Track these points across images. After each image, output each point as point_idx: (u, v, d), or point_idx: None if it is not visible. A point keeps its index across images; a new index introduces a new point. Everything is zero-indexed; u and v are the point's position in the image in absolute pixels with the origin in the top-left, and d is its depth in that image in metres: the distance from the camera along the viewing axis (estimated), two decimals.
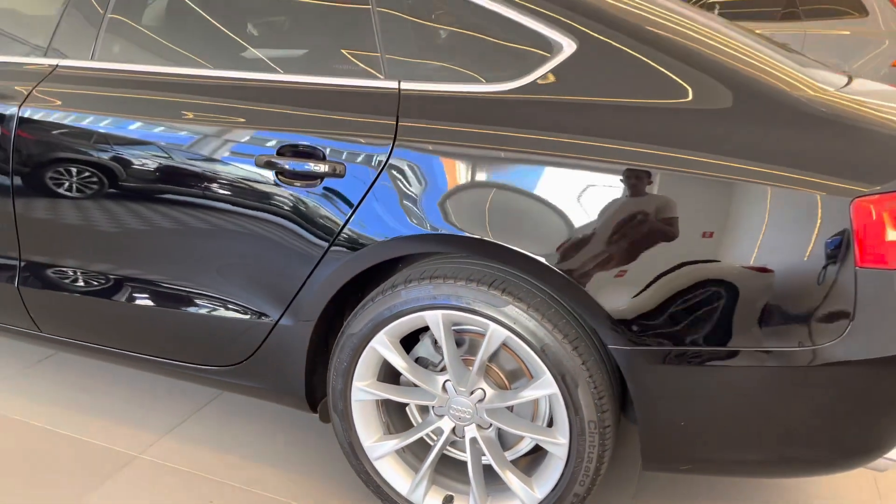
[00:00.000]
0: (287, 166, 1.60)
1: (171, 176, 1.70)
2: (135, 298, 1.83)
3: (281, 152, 1.61)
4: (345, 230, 1.58)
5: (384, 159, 1.54)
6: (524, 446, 1.69)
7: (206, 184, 1.67)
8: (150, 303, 1.82)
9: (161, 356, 1.88)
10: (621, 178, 1.40)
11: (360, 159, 1.56)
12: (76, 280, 1.89)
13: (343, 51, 1.67)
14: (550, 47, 1.54)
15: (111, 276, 1.85)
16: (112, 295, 1.85)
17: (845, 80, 1.84)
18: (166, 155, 1.71)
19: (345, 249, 1.58)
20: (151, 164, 1.72)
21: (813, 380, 1.40)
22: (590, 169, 1.42)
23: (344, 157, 1.57)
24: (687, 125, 1.44)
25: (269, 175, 1.62)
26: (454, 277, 1.53)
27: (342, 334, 1.66)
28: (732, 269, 1.38)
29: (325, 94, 1.63)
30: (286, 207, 1.62)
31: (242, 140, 1.64)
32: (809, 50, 5.13)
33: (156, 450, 1.97)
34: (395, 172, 1.53)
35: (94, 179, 1.78)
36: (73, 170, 1.79)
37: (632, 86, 1.49)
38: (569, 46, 1.53)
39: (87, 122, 1.78)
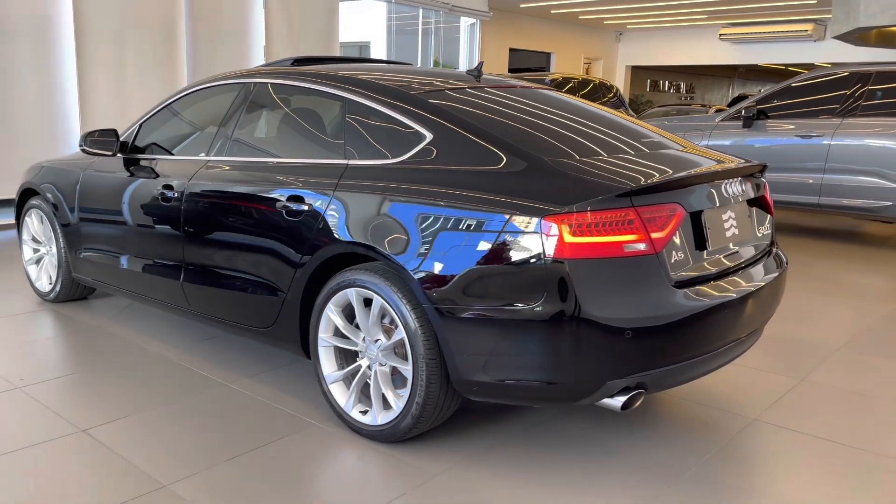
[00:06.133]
0: (292, 207, 2.89)
1: (244, 212, 3.09)
2: (223, 284, 3.22)
3: (289, 199, 2.91)
4: (312, 238, 2.81)
5: (329, 200, 2.76)
6: (400, 392, 2.68)
7: (259, 216, 3.03)
8: (231, 287, 3.19)
9: (240, 322, 3.22)
10: (444, 211, 2.46)
11: (320, 201, 2.80)
12: (200, 273, 3.34)
13: (330, 143, 2.97)
14: (418, 136, 2.68)
15: (214, 272, 3.26)
16: (212, 283, 3.26)
17: (676, 146, 2.87)
18: (241, 202, 3.11)
19: (312, 249, 2.81)
20: (237, 208, 3.13)
21: (527, 328, 2.29)
22: (429, 205, 2.49)
23: (314, 200, 2.82)
24: (491, 179, 2.46)
25: (284, 212, 2.92)
26: (360, 268, 2.67)
27: (315, 305, 2.85)
28: (484, 259, 2.35)
29: (315, 167, 2.93)
30: (290, 228, 2.90)
31: (273, 194, 2.98)
32: None
33: (235, 384, 3.28)
34: (333, 206, 2.75)
35: (213, 217, 3.23)
36: (205, 211, 3.27)
37: (465, 157, 2.56)
38: (428, 135, 2.66)
39: (214, 188, 3.26)
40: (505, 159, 2.50)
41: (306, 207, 2.85)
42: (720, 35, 17.26)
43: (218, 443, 2.74)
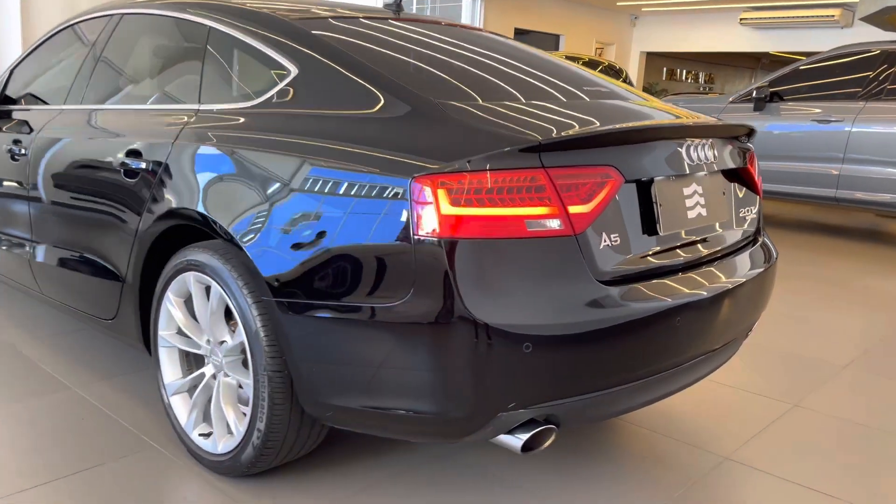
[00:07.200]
0: (130, 164, 2.24)
1: (85, 174, 2.45)
2: (67, 264, 2.57)
3: (127, 155, 2.26)
4: (147, 205, 2.15)
5: (168, 155, 2.11)
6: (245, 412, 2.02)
7: (100, 178, 2.38)
8: (74, 268, 2.54)
9: (85, 311, 2.58)
10: (291, 170, 1.79)
11: (158, 157, 2.14)
12: (46, 250, 2.70)
13: (187, 84, 2.31)
14: (284, 73, 2.01)
15: (59, 249, 2.62)
16: (57, 262, 2.62)
17: (632, 97, 2.24)
18: (83, 160, 2.46)
19: (148, 220, 2.15)
20: (79, 168, 2.49)
21: (388, 335, 1.62)
22: (273, 162, 1.83)
23: (151, 156, 2.17)
24: (361, 126, 1.79)
25: (122, 171, 2.27)
26: (197, 247, 2.01)
27: (155, 293, 2.20)
28: (337, 236, 1.68)
29: (163, 114, 2.28)
30: (128, 192, 2.25)
31: (113, 150, 2.33)
32: None
33: (82, 388, 2.64)
34: (171, 164, 2.09)
35: (56, 180, 2.59)
36: (49, 172, 2.63)
37: (333, 98, 1.89)
38: (293, 70, 1.99)
39: (58, 144, 2.62)
40: (383, 101, 1.82)
41: (144, 165, 2.19)
42: (741, 20, 16.29)
43: (24, 465, 2.10)
